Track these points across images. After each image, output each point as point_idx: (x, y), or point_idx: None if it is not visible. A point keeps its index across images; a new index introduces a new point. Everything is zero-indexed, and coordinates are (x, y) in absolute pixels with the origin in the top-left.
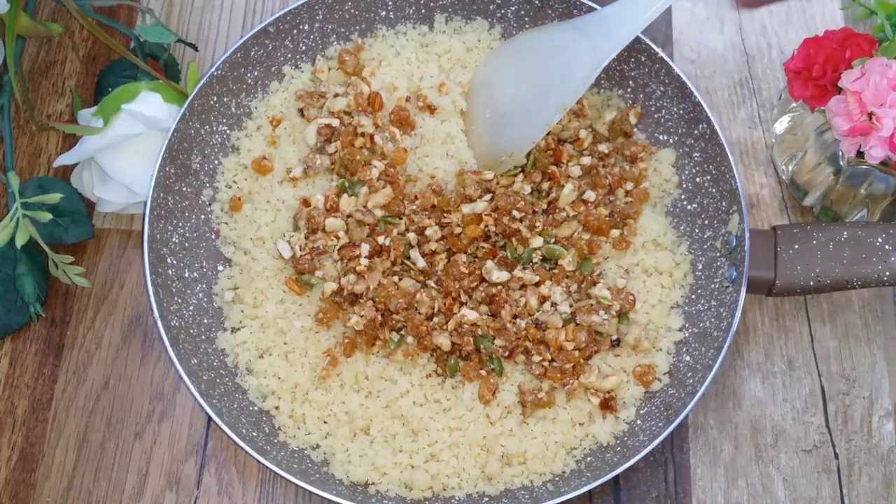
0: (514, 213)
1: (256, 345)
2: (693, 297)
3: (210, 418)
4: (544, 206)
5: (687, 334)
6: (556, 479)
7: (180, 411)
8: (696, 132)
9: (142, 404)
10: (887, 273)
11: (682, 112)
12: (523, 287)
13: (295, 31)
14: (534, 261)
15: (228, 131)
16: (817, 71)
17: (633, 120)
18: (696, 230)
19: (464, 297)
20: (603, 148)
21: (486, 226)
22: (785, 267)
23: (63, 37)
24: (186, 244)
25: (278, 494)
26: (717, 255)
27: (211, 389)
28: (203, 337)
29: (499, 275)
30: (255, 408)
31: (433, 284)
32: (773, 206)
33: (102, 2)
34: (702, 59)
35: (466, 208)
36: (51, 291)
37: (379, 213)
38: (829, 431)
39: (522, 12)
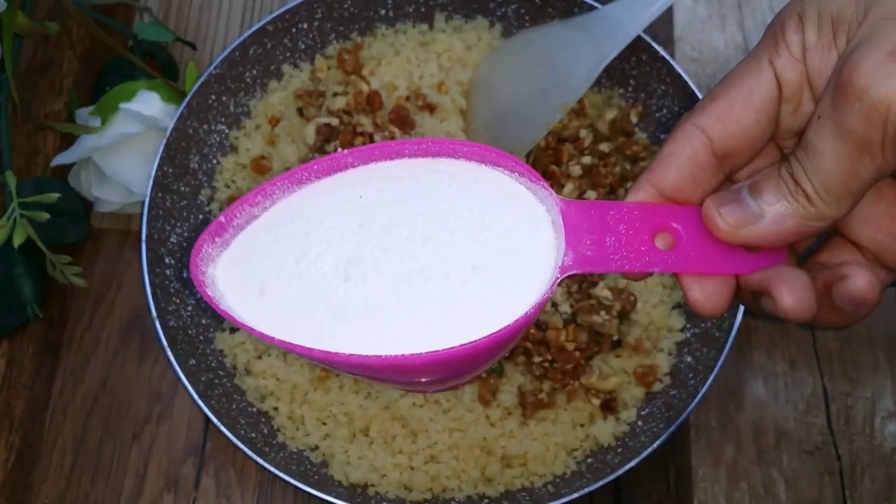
0: None
1: (255, 345)
2: None
3: (208, 419)
4: None
5: (688, 335)
6: (557, 480)
7: (178, 412)
8: None
9: (140, 405)
10: None
11: (683, 111)
12: None
13: (294, 30)
14: None
15: (227, 130)
16: None
17: (634, 119)
18: None
19: None
20: (604, 147)
21: None
22: None
23: (60, 35)
24: (184, 244)
25: (277, 496)
26: None
27: (209, 390)
28: (201, 337)
29: None
30: (254, 409)
31: None
32: None
33: (100, 0)
34: (703, 58)
35: None
36: (48, 292)
37: None
38: (831, 432)
39: (523, 11)
